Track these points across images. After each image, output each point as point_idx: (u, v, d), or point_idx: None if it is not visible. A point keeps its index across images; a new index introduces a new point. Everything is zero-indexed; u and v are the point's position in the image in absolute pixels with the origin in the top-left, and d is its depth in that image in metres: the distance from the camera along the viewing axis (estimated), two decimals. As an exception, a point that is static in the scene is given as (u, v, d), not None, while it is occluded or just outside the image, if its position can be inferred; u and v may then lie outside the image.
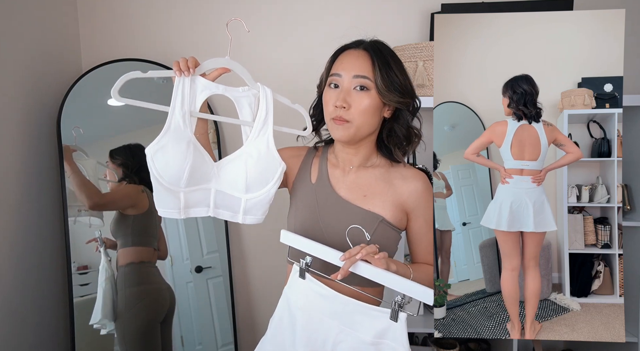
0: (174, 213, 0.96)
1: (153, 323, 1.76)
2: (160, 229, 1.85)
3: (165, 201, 0.94)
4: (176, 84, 0.94)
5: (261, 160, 0.98)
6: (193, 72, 0.94)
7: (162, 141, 0.92)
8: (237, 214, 1.01)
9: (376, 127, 1.02)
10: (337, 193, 1.04)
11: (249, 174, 0.97)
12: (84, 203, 1.69)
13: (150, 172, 0.92)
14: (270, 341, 1.03)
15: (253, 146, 0.99)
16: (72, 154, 1.71)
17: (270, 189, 1.00)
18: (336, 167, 1.08)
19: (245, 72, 1.01)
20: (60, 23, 1.83)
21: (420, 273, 1.01)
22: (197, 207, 0.99)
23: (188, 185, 0.95)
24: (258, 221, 1.02)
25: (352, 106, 0.97)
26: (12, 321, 1.51)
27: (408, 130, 1.03)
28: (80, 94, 1.72)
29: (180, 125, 0.93)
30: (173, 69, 0.94)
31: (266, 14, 1.93)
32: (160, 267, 1.84)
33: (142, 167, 1.82)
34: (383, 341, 0.91)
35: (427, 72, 1.68)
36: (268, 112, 1.00)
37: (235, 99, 1.00)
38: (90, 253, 1.74)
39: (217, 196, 1.00)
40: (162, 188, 0.93)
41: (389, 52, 1.01)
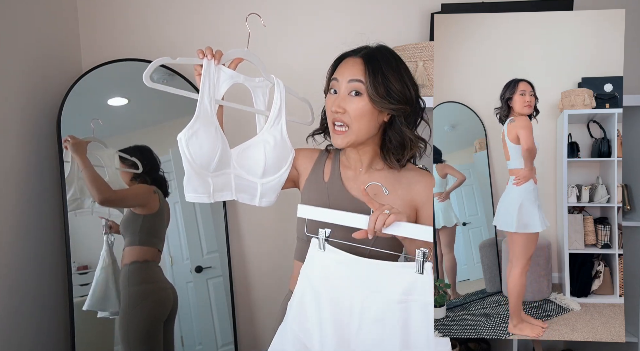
0: (203, 197, 0.99)
1: (157, 323, 1.77)
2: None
3: (196, 185, 0.97)
4: (204, 73, 0.97)
5: (277, 147, 1.05)
6: (217, 62, 0.98)
7: (194, 127, 0.95)
8: (255, 198, 1.07)
9: (374, 132, 1.03)
10: (348, 191, 1.07)
11: (268, 160, 1.03)
12: (94, 198, 1.69)
13: (183, 157, 0.95)
14: (295, 320, 1.02)
15: (269, 134, 1.05)
16: (86, 147, 1.71)
17: (283, 173, 1.07)
18: (348, 168, 1.11)
19: (262, 64, 1.07)
20: (60, 23, 1.83)
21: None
22: (223, 191, 1.03)
23: (216, 170, 0.99)
24: (271, 204, 1.09)
25: (347, 110, 1.00)
26: (12, 321, 1.51)
27: (402, 136, 1.03)
28: (80, 94, 1.72)
29: (208, 111, 0.97)
30: (198, 56, 0.97)
31: (265, 14, 1.93)
32: (161, 267, 1.84)
33: (152, 168, 1.84)
34: (410, 297, 0.90)
35: (427, 72, 1.68)
36: (282, 104, 1.07)
37: (253, 88, 1.07)
38: (91, 252, 1.74)
39: (237, 180, 1.04)
40: (193, 172, 0.96)
41: (386, 58, 1.02)
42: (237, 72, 1.03)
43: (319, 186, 1.11)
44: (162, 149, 1.87)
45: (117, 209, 1.79)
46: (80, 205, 1.73)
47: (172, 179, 1.88)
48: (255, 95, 1.08)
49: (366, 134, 1.02)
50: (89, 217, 1.75)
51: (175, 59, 0.95)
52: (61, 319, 1.77)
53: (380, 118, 1.02)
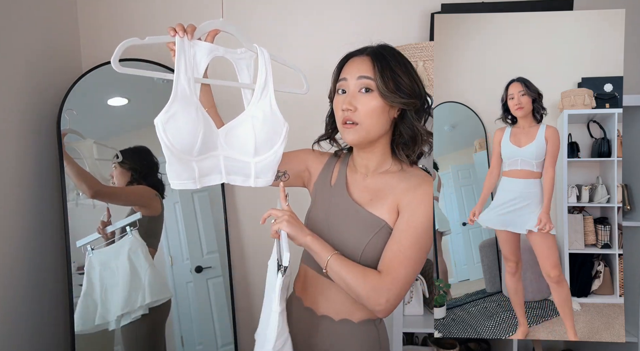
0: (189, 184, 0.94)
1: (159, 323, 1.79)
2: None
3: (179, 171, 0.92)
4: (177, 50, 0.91)
5: (267, 121, 0.98)
6: (191, 37, 0.92)
7: (171, 109, 0.88)
8: (249, 179, 1.01)
9: (386, 128, 1.02)
10: (350, 195, 1.06)
11: (257, 136, 0.97)
12: (85, 193, 1.67)
13: (162, 143, 0.89)
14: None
15: (257, 108, 0.99)
16: (63, 141, 1.67)
17: (278, 150, 1.01)
18: (355, 172, 1.10)
19: (241, 33, 0.99)
20: (60, 23, 1.83)
21: (350, 266, 0.94)
22: (210, 175, 0.98)
23: (200, 153, 0.93)
24: (268, 184, 1.03)
25: (358, 108, 0.98)
26: (12, 321, 1.51)
27: (413, 131, 1.02)
28: (80, 94, 1.72)
29: (186, 91, 0.91)
30: (169, 34, 0.91)
31: (266, 15, 1.93)
32: (160, 267, 1.84)
33: (151, 171, 1.83)
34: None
35: (427, 72, 1.68)
36: (268, 74, 1.00)
37: (235, 61, 0.99)
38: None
39: (227, 162, 0.99)
40: (174, 158, 0.91)
41: (392, 54, 1.01)
42: (216, 45, 0.96)
43: (325, 190, 1.11)
44: (162, 149, 1.87)
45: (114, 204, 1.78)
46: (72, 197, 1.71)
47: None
48: (239, 68, 1.00)
49: (377, 131, 1.00)
50: (89, 216, 1.74)
51: (144, 39, 0.88)
52: (61, 319, 1.77)
53: (391, 114, 1.01)
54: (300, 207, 1.15)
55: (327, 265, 0.94)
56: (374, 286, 0.92)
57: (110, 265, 1.70)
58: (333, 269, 0.94)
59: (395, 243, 0.96)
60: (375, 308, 0.93)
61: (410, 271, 0.94)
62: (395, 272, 0.93)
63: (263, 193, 2.08)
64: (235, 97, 1.06)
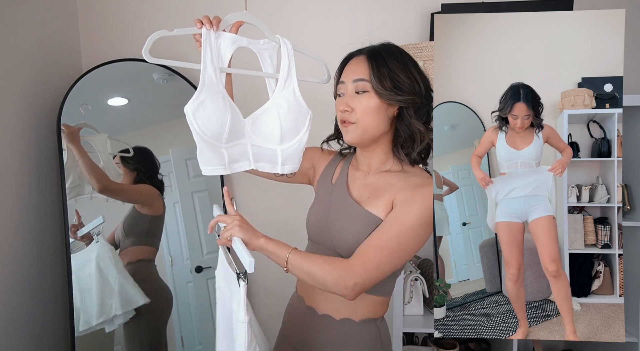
0: (219, 169, 0.96)
1: (161, 323, 1.79)
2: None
3: (210, 157, 0.95)
4: (203, 41, 0.94)
5: (292, 109, 1.01)
6: (216, 29, 0.96)
7: (200, 97, 0.91)
8: (276, 166, 1.03)
9: (385, 127, 1.02)
10: (349, 193, 1.07)
11: (283, 124, 0.99)
12: (93, 186, 1.69)
13: (192, 130, 0.92)
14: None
15: (281, 97, 1.01)
16: (79, 135, 1.69)
17: (303, 137, 1.03)
18: (357, 170, 1.11)
19: (264, 25, 1.03)
20: (60, 23, 1.83)
21: (313, 257, 0.95)
22: (239, 161, 1.00)
23: (228, 140, 0.96)
24: (294, 170, 1.06)
25: (354, 108, 1.00)
26: (11, 321, 1.51)
27: (410, 129, 1.01)
28: (80, 94, 1.72)
29: (213, 80, 0.94)
30: (196, 26, 0.95)
31: (266, 16, 1.93)
32: (160, 267, 1.84)
33: (152, 172, 1.84)
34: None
35: (427, 72, 1.68)
36: (291, 63, 1.03)
37: (259, 52, 1.03)
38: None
39: (254, 150, 1.01)
40: (205, 144, 0.93)
41: (390, 52, 1.01)
42: (240, 36, 1.00)
43: (327, 187, 1.12)
44: (162, 149, 1.87)
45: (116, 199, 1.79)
46: (81, 192, 1.72)
47: (170, 182, 1.88)
48: (263, 58, 1.04)
49: (376, 129, 1.01)
50: (89, 217, 1.75)
51: (173, 31, 0.93)
52: (61, 319, 1.77)
53: (389, 112, 1.01)
54: (302, 204, 1.15)
55: (288, 262, 0.94)
56: (341, 268, 0.92)
57: (84, 270, 1.69)
58: (294, 265, 0.94)
59: (376, 231, 0.97)
60: (342, 292, 0.92)
61: (384, 260, 0.94)
62: (367, 257, 0.93)
63: (262, 193, 2.09)
64: (255, 86, 1.06)
